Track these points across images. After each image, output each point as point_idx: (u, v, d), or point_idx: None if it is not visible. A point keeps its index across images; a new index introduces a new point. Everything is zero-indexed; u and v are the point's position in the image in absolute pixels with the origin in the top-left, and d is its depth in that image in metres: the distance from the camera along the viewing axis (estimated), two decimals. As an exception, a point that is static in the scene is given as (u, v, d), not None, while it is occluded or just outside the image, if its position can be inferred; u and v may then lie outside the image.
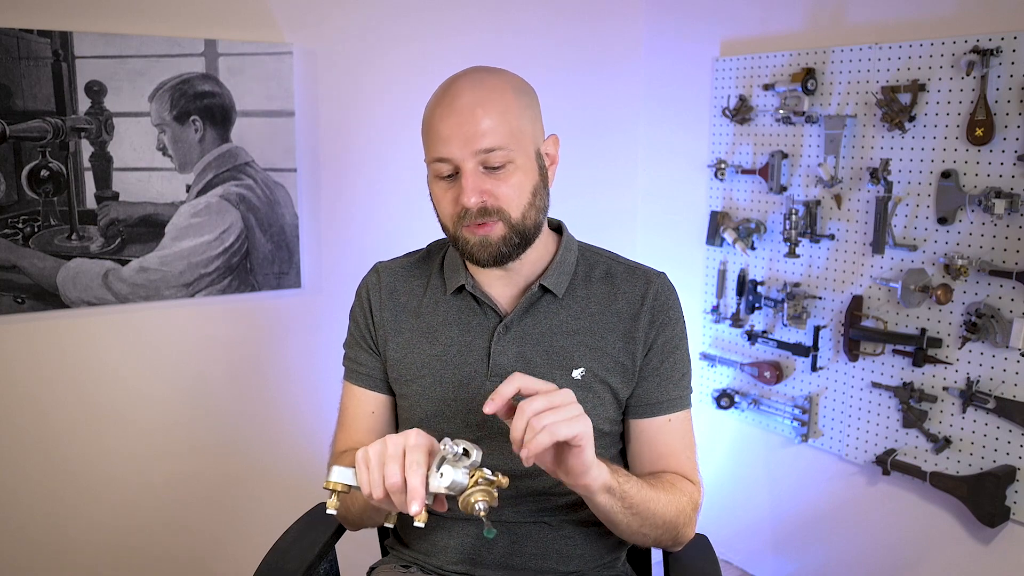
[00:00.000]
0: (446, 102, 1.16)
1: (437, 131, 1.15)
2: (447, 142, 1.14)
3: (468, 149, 1.13)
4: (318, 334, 2.29)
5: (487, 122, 1.13)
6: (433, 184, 1.20)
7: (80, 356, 2.01)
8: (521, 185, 1.17)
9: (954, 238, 1.96)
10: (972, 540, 2.00)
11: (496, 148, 1.14)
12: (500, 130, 1.14)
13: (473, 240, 1.17)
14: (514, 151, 1.15)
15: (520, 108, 1.18)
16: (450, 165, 1.15)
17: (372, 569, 1.37)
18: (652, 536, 1.19)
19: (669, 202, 2.74)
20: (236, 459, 2.24)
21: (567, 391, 1.01)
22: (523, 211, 1.17)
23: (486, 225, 1.16)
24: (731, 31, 2.49)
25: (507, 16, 2.48)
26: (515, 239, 1.18)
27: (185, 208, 2.07)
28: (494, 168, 1.15)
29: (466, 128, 1.13)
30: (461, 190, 1.14)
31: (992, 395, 1.91)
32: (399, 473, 0.97)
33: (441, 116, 1.15)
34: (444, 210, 1.19)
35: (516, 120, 1.16)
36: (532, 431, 0.97)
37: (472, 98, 1.14)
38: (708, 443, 2.62)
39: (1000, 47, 1.83)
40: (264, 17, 2.12)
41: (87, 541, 2.08)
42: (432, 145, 1.17)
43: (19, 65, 1.84)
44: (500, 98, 1.16)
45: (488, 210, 1.15)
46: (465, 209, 1.15)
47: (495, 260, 1.18)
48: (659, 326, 1.25)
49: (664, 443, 1.26)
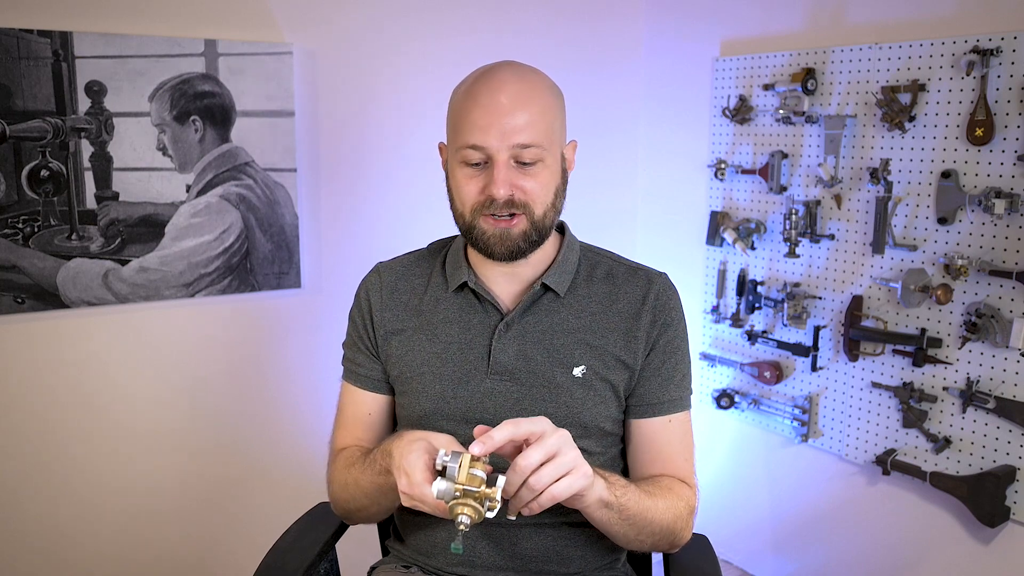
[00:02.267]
0: (486, 91, 1.15)
1: (473, 119, 1.14)
2: (485, 131, 1.13)
3: (505, 141, 1.13)
4: (318, 334, 2.29)
5: (525, 117, 1.14)
6: (457, 169, 1.18)
7: (80, 356, 2.01)
8: (547, 184, 1.18)
9: (954, 238, 1.96)
10: (972, 540, 2.00)
11: (532, 144, 1.14)
12: (538, 127, 1.15)
13: (491, 232, 1.17)
14: (545, 150, 1.16)
15: (555, 109, 1.19)
16: (481, 154, 1.15)
17: (372, 569, 1.37)
18: (649, 543, 1.20)
19: (669, 202, 2.74)
20: (236, 459, 2.24)
21: (563, 433, 1.01)
22: (545, 210, 1.18)
23: (510, 219, 1.16)
24: (731, 31, 2.49)
25: (507, 16, 2.48)
26: (534, 236, 1.18)
27: (185, 208, 2.07)
28: (524, 164, 1.15)
29: (506, 120, 1.13)
30: (491, 180, 1.14)
31: (992, 395, 1.91)
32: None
33: (479, 104, 1.14)
34: (465, 197, 1.18)
35: (551, 120, 1.17)
36: (530, 491, 0.98)
37: (515, 91, 1.15)
38: (708, 443, 2.62)
39: (1000, 47, 1.83)
40: (264, 17, 2.12)
41: (86, 541, 2.08)
42: (466, 131, 1.15)
43: (19, 65, 1.84)
44: (540, 96, 1.17)
45: (515, 203, 1.15)
46: (491, 199, 1.14)
47: (511, 254, 1.18)
48: (661, 326, 1.25)
49: (663, 444, 1.26)
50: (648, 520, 1.15)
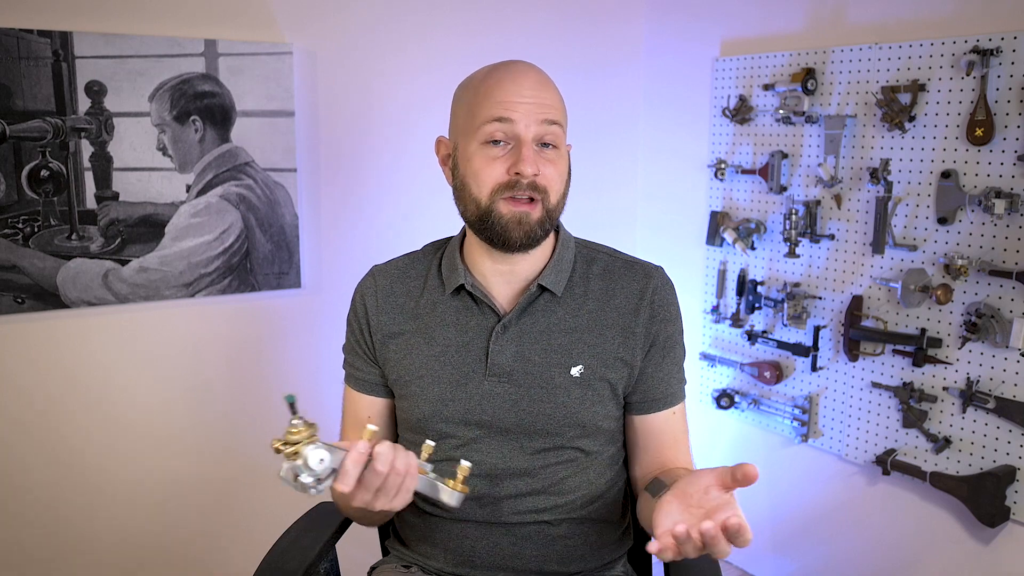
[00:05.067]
0: (510, 74, 1.17)
1: (502, 95, 1.14)
2: (513, 105, 1.14)
3: (535, 116, 1.14)
4: (318, 334, 2.28)
5: (552, 97, 1.17)
6: (476, 153, 1.16)
7: (80, 356, 2.01)
8: (562, 173, 1.19)
9: (954, 238, 1.96)
10: (972, 540, 2.00)
11: (557, 123, 1.16)
12: (559, 109, 1.18)
13: (510, 215, 1.15)
14: (564, 135, 1.19)
15: (564, 103, 1.22)
16: (507, 129, 1.14)
17: (372, 569, 1.37)
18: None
19: (669, 202, 2.74)
20: (236, 459, 2.24)
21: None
22: (558, 199, 1.19)
23: (530, 203, 1.16)
24: (731, 31, 2.49)
25: (507, 16, 2.48)
26: (547, 224, 1.18)
27: (185, 208, 2.07)
28: (545, 146, 1.16)
29: (535, 95, 1.15)
30: (519, 158, 1.13)
31: (992, 395, 1.91)
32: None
33: (507, 82, 1.15)
34: (488, 177, 1.15)
35: (564, 110, 1.20)
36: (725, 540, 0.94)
37: (537, 76, 1.18)
38: (708, 443, 2.62)
39: (1000, 47, 1.83)
40: (264, 17, 2.12)
41: (86, 541, 2.08)
42: (492, 107, 1.14)
43: (19, 65, 1.84)
44: (555, 87, 1.20)
45: (537, 187, 1.15)
46: (517, 179, 1.14)
47: (528, 239, 1.17)
48: (660, 322, 1.25)
49: (668, 435, 1.28)
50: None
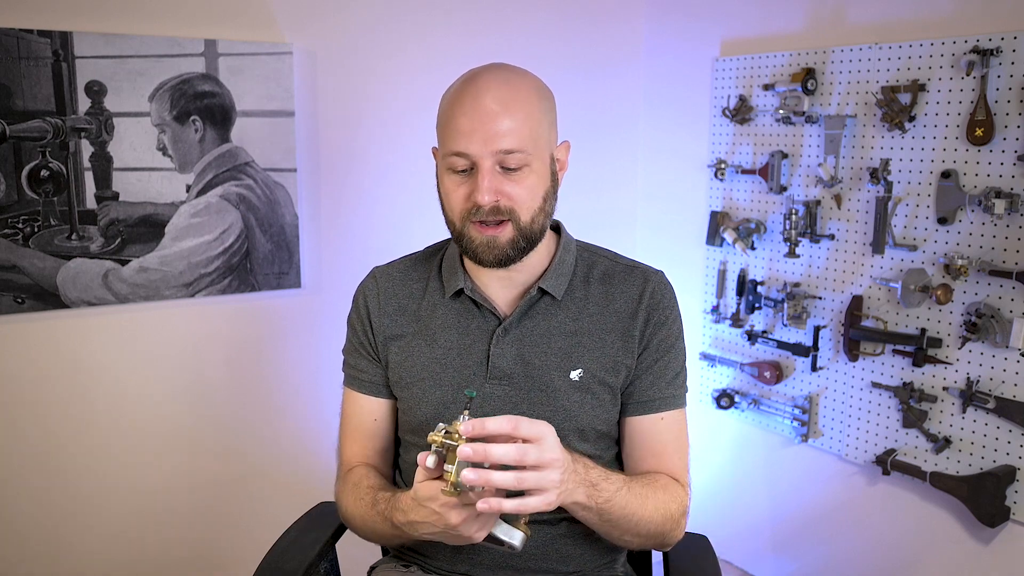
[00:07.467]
0: (470, 97, 1.14)
1: (457, 125, 1.13)
2: (468, 138, 1.12)
3: (488, 148, 1.12)
4: (318, 334, 2.29)
5: (510, 123, 1.12)
6: (445, 177, 1.18)
7: (80, 356, 2.01)
8: (534, 189, 1.16)
9: (954, 238, 1.96)
10: (972, 540, 2.00)
11: (516, 150, 1.13)
12: (521, 132, 1.13)
13: (479, 239, 1.16)
14: (531, 155, 1.14)
15: (541, 112, 1.17)
16: (466, 160, 1.14)
17: (372, 569, 1.37)
18: (635, 543, 1.21)
19: (669, 202, 2.74)
20: (236, 459, 2.24)
21: (557, 456, 0.99)
22: (533, 215, 1.17)
23: (497, 227, 1.15)
24: (731, 31, 2.49)
25: (507, 16, 2.48)
26: (522, 243, 1.17)
27: (185, 208, 2.07)
28: (510, 169, 1.14)
29: (488, 126, 1.11)
30: (476, 187, 1.13)
31: (992, 395, 1.91)
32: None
33: (463, 111, 1.13)
34: (453, 204, 1.17)
35: (537, 124, 1.15)
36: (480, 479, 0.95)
37: (497, 97, 1.13)
38: (708, 443, 2.62)
39: (1000, 47, 1.83)
40: (264, 17, 2.12)
41: (86, 540, 2.08)
42: (450, 138, 1.14)
43: (19, 65, 1.84)
44: (525, 100, 1.15)
45: (500, 210, 1.14)
46: (477, 207, 1.14)
47: (499, 262, 1.17)
48: (655, 324, 1.25)
49: (656, 441, 1.26)
50: (633, 522, 1.15)
